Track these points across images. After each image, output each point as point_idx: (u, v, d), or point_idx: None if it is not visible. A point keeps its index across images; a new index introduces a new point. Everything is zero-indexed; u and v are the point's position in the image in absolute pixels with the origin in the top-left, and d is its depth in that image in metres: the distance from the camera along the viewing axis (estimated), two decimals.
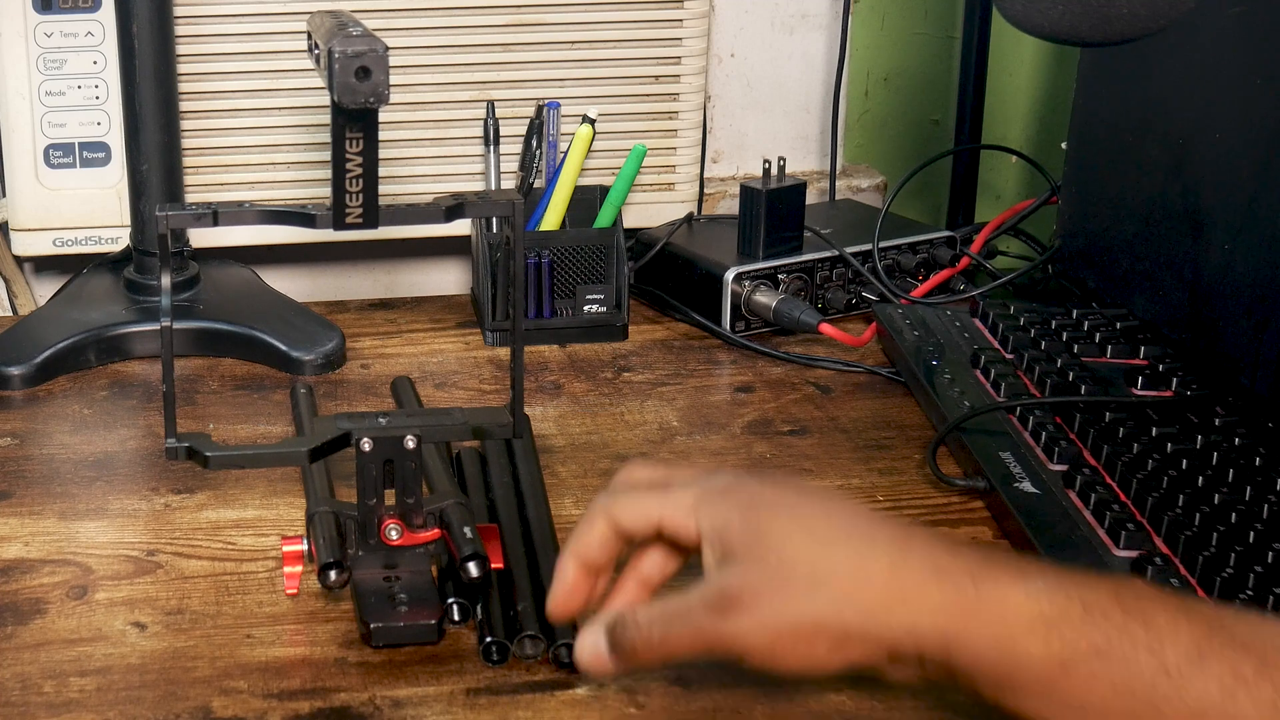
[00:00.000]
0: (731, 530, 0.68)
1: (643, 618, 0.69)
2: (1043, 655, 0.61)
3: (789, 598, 0.65)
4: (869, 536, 0.66)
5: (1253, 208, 1.02)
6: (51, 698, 0.77)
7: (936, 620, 0.63)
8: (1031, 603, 0.62)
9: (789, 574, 0.65)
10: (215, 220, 0.82)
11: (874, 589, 0.64)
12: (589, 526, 0.74)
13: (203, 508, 0.96)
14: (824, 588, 0.65)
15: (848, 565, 0.65)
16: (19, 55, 1.21)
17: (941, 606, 0.63)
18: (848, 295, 1.25)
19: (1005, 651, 0.62)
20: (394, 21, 1.25)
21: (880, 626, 0.64)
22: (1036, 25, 0.83)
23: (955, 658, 0.64)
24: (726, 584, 0.67)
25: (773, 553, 0.66)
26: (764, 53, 1.42)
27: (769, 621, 0.66)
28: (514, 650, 0.80)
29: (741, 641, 0.66)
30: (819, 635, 0.65)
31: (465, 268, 1.40)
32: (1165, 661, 0.60)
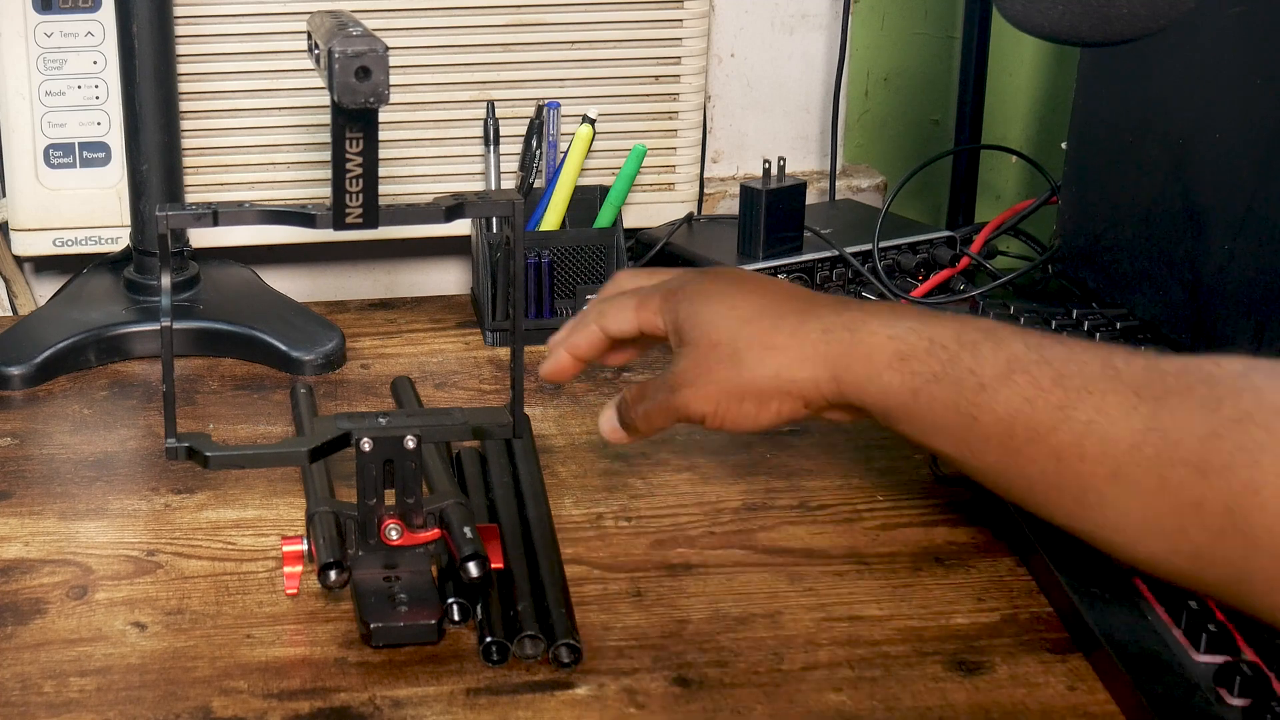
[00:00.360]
0: (680, 323, 0.84)
1: (631, 395, 0.86)
2: (899, 385, 0.77)
3: (717, 370, 0.82)
4: (777, 312, 0.82)
5: (1253, 208, 1.02)
6: (51, 698, 0.77)
7: (826, 369, 0.79)
8: (892, 343, 0.77)
9: (716, 352, 0.82)
10: (215, 220, 0.82)
11: (779, 354, 0.80)
12: (582, 328, 0.90)
13: (203, 508, 0.96)
14: (742, 359, 0.81)
15: (760, 339, 0.81)
16: (19, 55, 1.21)
17: (828, 357, 0.79)
18: (847, 295, 1.25)
19: (875, 385, 0.78)
20: (394, 21, 1.25)
21: (788, 382, 0.80)
22: (1036, 25, 0.83)
23: (846, 395, 0.79)
24: (676, 367, 0.84)
25: (705, 336, 0.82)
26: (764, 53, 1.42)
27: (706, 391, 0.82)
28: (514, 650, 0.80)
29: (691, 408, 0.83)
30: (745, 396, 0.81)
31: (465, 268, 1.40)
32: (982, 379, 0.74)
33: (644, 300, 0.87)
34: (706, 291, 0.84)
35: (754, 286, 0.85)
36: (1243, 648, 0.77)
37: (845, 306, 0.81)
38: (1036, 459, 0.73)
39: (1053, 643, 0.82)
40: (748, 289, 0.84)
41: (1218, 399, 0.69)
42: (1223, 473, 0.67)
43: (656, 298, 0.87)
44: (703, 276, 0.87)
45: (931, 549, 0.91)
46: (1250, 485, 0.66)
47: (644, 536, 0.93)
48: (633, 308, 0.87)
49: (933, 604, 0.86)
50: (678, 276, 0.89)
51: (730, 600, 0.86)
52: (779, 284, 0.86)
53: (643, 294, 0.88)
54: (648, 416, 0.86)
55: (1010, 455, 0.74)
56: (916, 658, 0.81)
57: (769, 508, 0.96)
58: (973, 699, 0.77)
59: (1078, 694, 0.78)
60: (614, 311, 0.88)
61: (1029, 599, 0.86)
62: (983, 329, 0.76)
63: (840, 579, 0.88)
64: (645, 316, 0.87)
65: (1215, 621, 0.78)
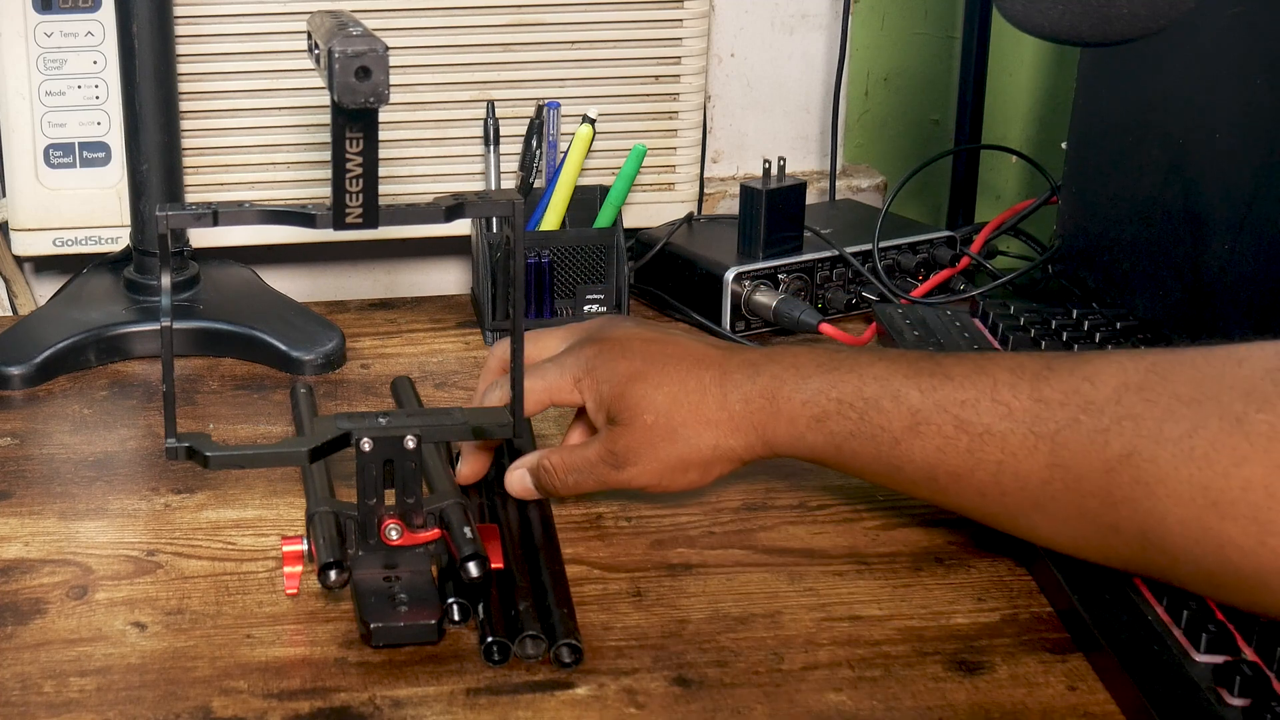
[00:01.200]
0: (605, 401, 0.89)
1: (558, 467, 0.91)
2: (823, 443, 0.85)
3: (656, 448, 0.88)
4: (700, 386, 0.87)
5: (1253, 208, 1.02)
6: (51, 698, 0.77)
7: (756, 435, 0.86)
8: (806, 408, 0.85)
9: (654, 431, 0.87)
10: (215, 220, 0.81)
11: (713, 428, 0.87)
12: None
13: (203, 508, 0.96)
14: (678, 435, 0.87)
15: (691, 414, 0.87)
16: (19, 55, 1.21)
17: (755, 426, 0.86)
18: (848, 295, 1.25)
19: (802, 444, 0.86)
20: (394, 21, 1.25)
21: (725, 450, 0.87)
22: (1036, 25, 0.83)
23: (778, 452, 0.87)
24: (614, 445, 0.88)
25: (638, 417, 0.88)
26: (764, 53, 1.42)
27: (648, 467, 0.88)
28: (515, 650, 0.80)
29: (634, 483, 0.89)
30: (688, 466, 0.88)
31: (465, 268, 1.40)
32: (893, 434, 0.82)
33: (554, 383, 0.91)
34: (626, 371, 0.88)
35: (667, 355, 0.89)
36: (1243, 648, 0.77)
37: (755, 370, 0.87)
38: (963, 494, 0.82)
39: (1053, 643, 0.82)
40: (662, 361, 0.89)
41: (1103, 431, 0.75)
42: (1128, 503, 0.74)
43: (568, 377, 0.90)
44: (610, 348, 0.90)
45: (931, 549, 0.91)
46: (1154, 514, 0.73)
47: (644, 536, 0.93)
48: (542, 389, 0.91)
49: (933, 604, 0.86)
50: (575, 346, 0.92)
51: (730, 600, 0.86)
52: (685, 345, 0.90)
53: (548, 374, 0.91)
54: (580, 487, 0.91)
55: (940, 493, 0.83)
56: (916, 658, 0.81)
57: (769, 508, 0.96)
58: (973, 699, 0.77)
59: (1078, 694, 0.78)
60: None
61: (1029, 599, 0.86)
62: (878, 378, 0.83)
63: (840, 579, 0.88)
64: (559, 396, 0.91)
65: (1215, 621, 0.78)
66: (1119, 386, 0.75)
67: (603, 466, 0.89)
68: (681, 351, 0.90)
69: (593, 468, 0.89)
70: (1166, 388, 0.74)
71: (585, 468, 0.90)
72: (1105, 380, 0.76)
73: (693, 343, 0.91)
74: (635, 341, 0.90)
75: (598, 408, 0.89)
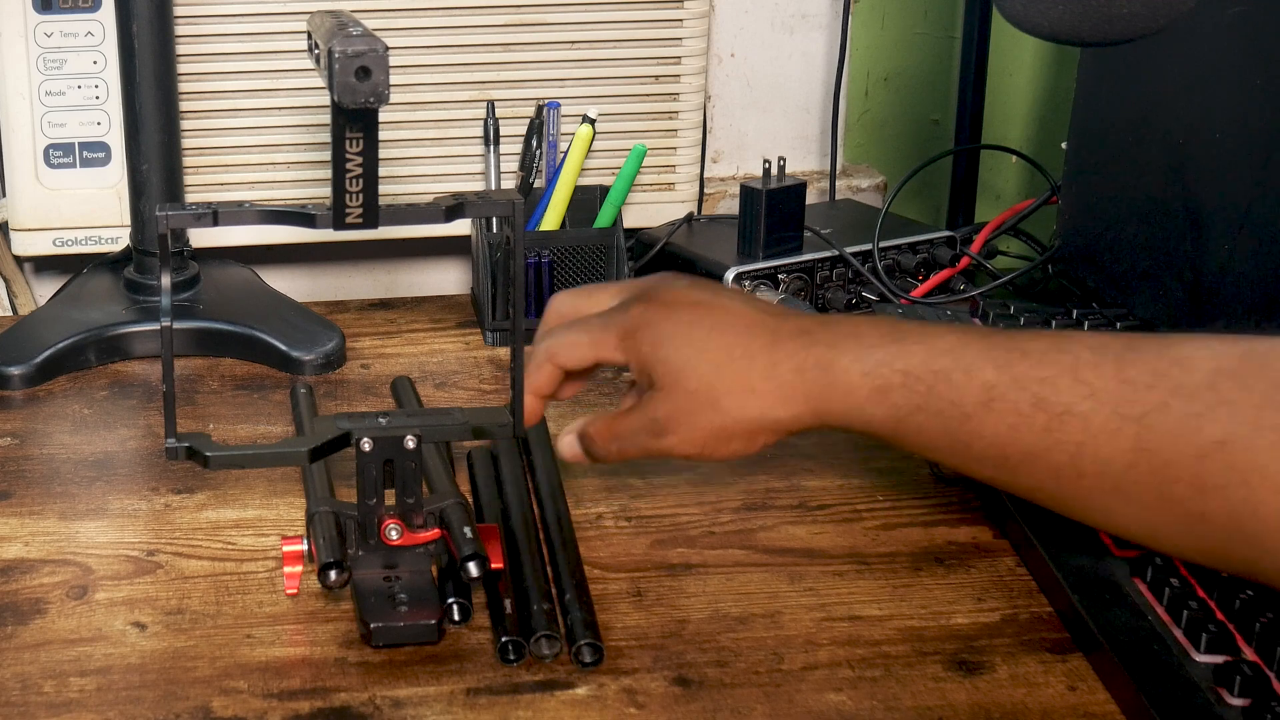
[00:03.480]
0: (648, 365, 0.85)
1: (601, 434, 0.88)
2: (882, 417, 0.80)
3: (699, 416, 0.84)
4: (747, 352, 0.83)
5: (1253, 208, 1.02)
6: (51, 698, 0.77)
7: (807, 406, 0.82)
8: (867, 379, 0.80)
9: (695, 398, 0.83)
10: (215, 220, 0.81)
11: (759, 397, 0.83)
12: (538, 370, 0.89)
13: (203, 508, 0.96)
14: (722, 404, 0.83)
15: (736, 382, 0.83)
16: (19, 55, 1.21)
17: (807, 396, 0.82)
18: (848, 295, 1.25)
19: (857, 417, 0.81)
20: (394, 21, 1.25)
21: (770, 420, 0.83)
22: (1036, 25, 0.83)
23: (830, 425, 0.83)
24: (656, 413, 0.85)
25: (681, 383, 0.84)
26: (764, 53, 1.42)
27: (691, 436, 0.84)
28: (530, 650, 0.80)
29: (676, 450, 0.85)
30: (731, 436, 0.84)
31: (465, 268, 1.40)
32: (964, 409, 0.78)
33: (599, 338, 0.87)
34: (670, 334, 0.85)
35: (714, 320, 0.85)
36: (1243, 648, 0.77)
37: (811, 338, 0.83)
38: (1035, 475, 0.77)
39: (1053, 643, 0.82)
40: (709, 324, 0.85)
41: (1196, 416, 0.71)
42: (1220, 490, 0.70)
43: (612, 334, 0.87)
44: (657, 309, 0.86)
45: (931, 549, 0.91)
46: (1248, 503, 0.69)
47: (644, 536, 0.93)
48: (587, 344, 0.88)
49: (933, 604, 0.86)
50: (626, 303, 0.88)
51: (730, 600, 0.86)
52: (735, 309, 0.86)
53: (593, 329, 0.88)
54: (623, 454, 0.87)
55: (1008, 472, 0.78)
56: (916, 658, 0.81)
57: (769, 508, 0.96)
58: (973, 699, 0.77)
59: (1078, 694, 0.78)
60: (567, 348, 0.88)
61: (1029, 599, 0.86)
62: (949, 351, 0.79)
63: (840, 579, 0.88)
64: (603, 353, 0.87)
65: (1215, 621, 0.78)
66: (1213, 371, 0.72)
67: (644, 434, 0.86)
68: (731, 315, 0.86)
69: (634, 435, 0.86)
70: (1265, 375, 0.71)
71: (627, 435, 0.86)
72: (1198, 364, 0.73)
73: (744, 306, 0.86)
74: (684, 303, 0.86)
75: (640, 370, 0.86)
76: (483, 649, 0.81)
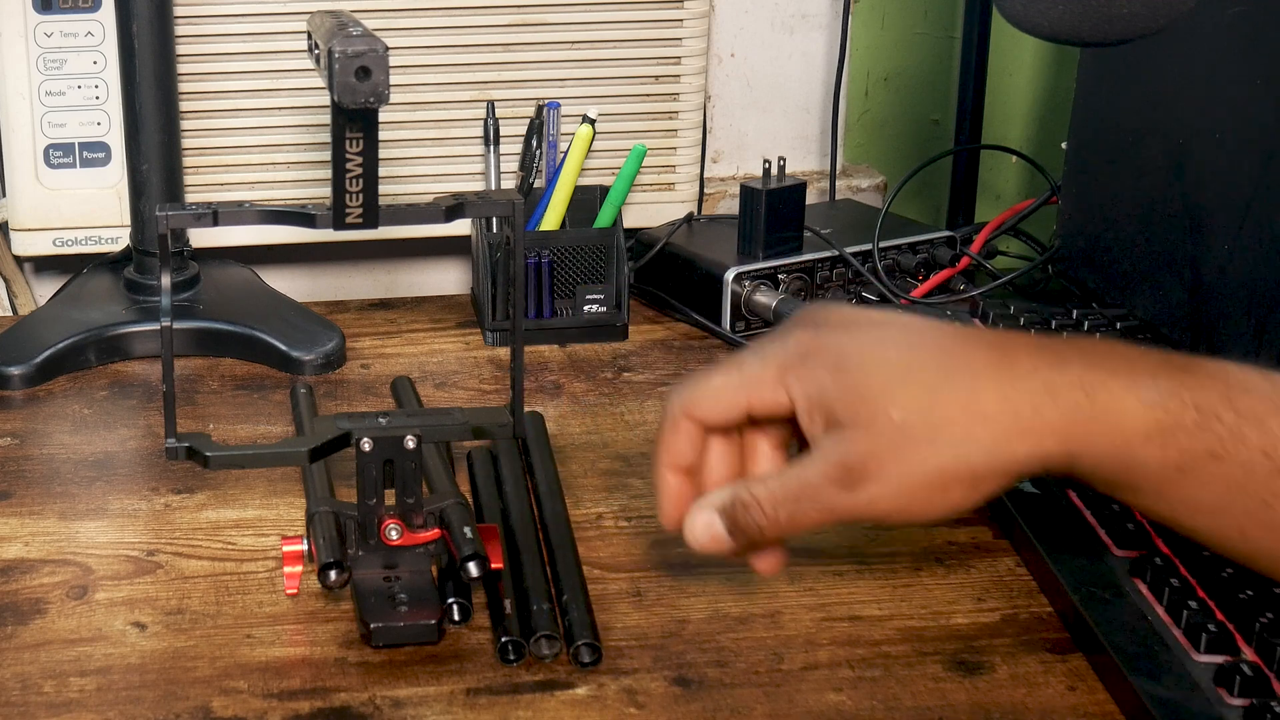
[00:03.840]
0: (829, 397, 0.66)
1: (765, 499, 0.67)
2: (1160, 461, 0.62)
3: (911, 456, 0.64)
4: (970, 368, 0.64)
5: (1253, 208, 1.02)
6: (51, 698, 0.77)
7: (1058, 442, 0.63)
8: (1146, 411, 0.62)
9: (904, 432, 0.64)
10: (215, 220, 0.82)
11: (991, 425, 0.63)
12: (674, 431, 0.71)
13: (203, 508, 0.96)
14: (942, 436, 0.64)
15: (959, 407, 0.64)
16: (19, 55, 1.21)
17: (1059, 427, 0.63)
18: (848, 295, 1.25)
19: (1123, 460, 0.63)
20: (394, 21, 1.25)
21: (1005, 459, 0.64)
22: (1036, 25, 0.83)
23: (1077, 468, 0.64)
24: (846, 456, 0.65)
25: (880, 413, 0.64)
26: (764, 53, 1.42)
27: (899, 485, 0.64)
28: (530, 650, 0.80)
29: (874, 509, 0.65)
30: (951, 483, 0.64)
31: (465, 268, 1.40)
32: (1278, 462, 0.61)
33: (751, 375, 0.69)
34: (856, 354, 0.66)
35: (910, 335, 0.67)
36: (1243, 648, 0.77)
37: (1058, 356, 0.65)
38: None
39: (1053, 643, 0.82)
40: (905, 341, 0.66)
41: None
42: None
43: (771, 368, 0.68)
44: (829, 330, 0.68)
45: (931, 549, 0.91)
46: None
47: (644, 536, 0.93)
48: (736, 386, 0.69)
49: (933, 604, 0.86)
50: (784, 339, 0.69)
51: (730, 600, 0.86)
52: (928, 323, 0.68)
53: (744, 365, 0.69)
54: (795, 523, 0.67)
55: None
56: (916, 658, 0.81)
57: None
58: (973, 699, 0.77)
59: (1078, 694, 0.78)
60: (708, 397, 0.70)
61: (1029, 599, 0.86)
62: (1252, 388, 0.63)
63: (840, 579, 0.88)
64: (759, 394, 0.68)
65: (1215, 621, 0.78)
66: None
67: (830, 489, 0.65)
68: (929, 328, 0.68)
69: (815, 493, 0.66)
70: None
71: (804, 495, 0.66)
72: None
73: (937, 321, 0.70)
74: (860, 320, 0.68)
75: (815, 407, 0.66)
76: (483, 649, 0.81)
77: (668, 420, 0.72)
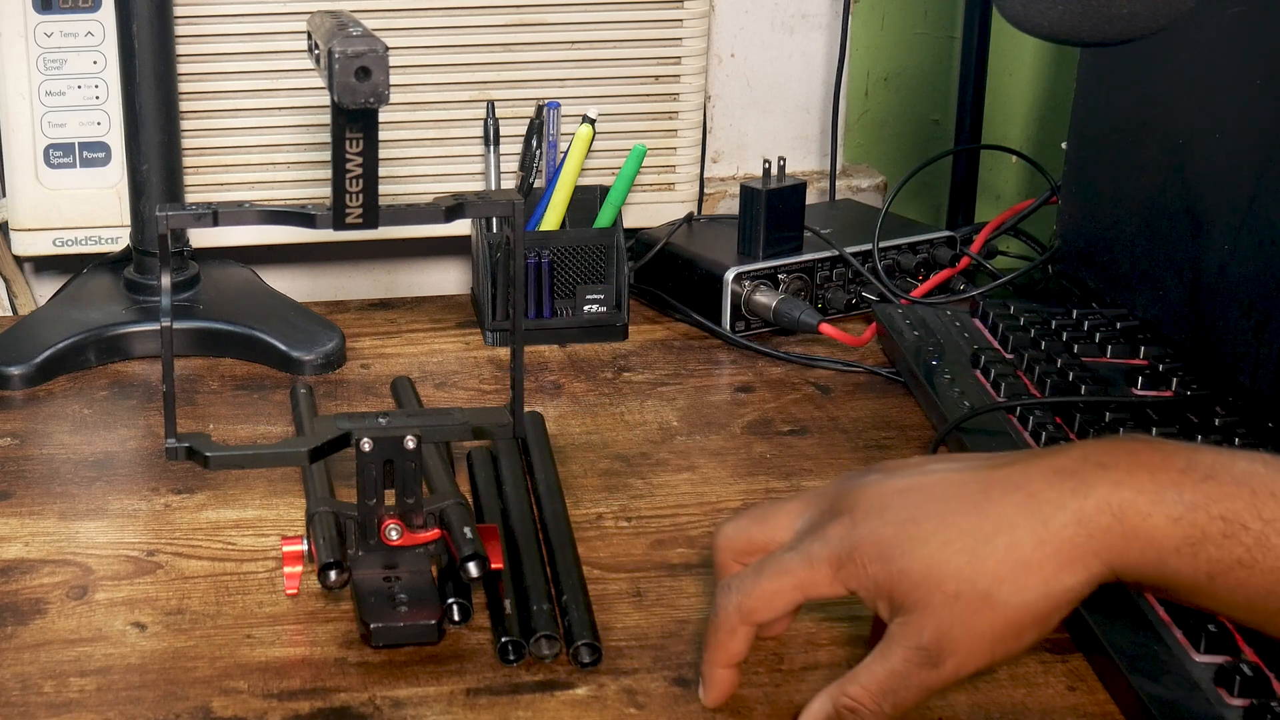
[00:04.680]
0: (884, 585, 0.70)
1: (867, 700, 0.71)
2: (1191, 570, 0.66)
3: (976, 622, 0.68)
4: (1000, 521, 0.68)
5: (1253, 208, 1.02)
6: (51, 698, 0.77)
7: (1100, 564, 0.67)
8: (1174, 527, 0.66)
9: (961, 603, 0.68)
10: (215, 220, 0.82)
11: (1036, 570, 0.67)
12: (730, 635, 0.74)
13: (203, 508, 0.96)
14: (997, 596, 0.68)
15: (1002, 564, 0.68)
16: (19, 55, 1.21)
17: (1097, 553, 0.67)
18: (848, 295, 1.25)
19: (1158, 571, 0.67)
20: (394, 21, 1.25)
21: (1060, 593, 0.67)
22: (1036, 25, 0.83)
23: (1121, 579, 0.68)
24: (919, 638, 0.69)
25: (935, 592, 0.68)
26: (764, 53, 1.42)
27: (975, 648, 0.69)
28: (530, 650, 0.80)
29: (963, 673, 0.70)
30: (1021, 629, 0.68)
31: (465, 268, 1.40)
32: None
33: (804, 578, 0.72)
34: (895, 540, 0.70)
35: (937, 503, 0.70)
36: (1243, 648, 0.77)
37: (1082, 482, 0.68)
38: None
39: (1053, 643, 0.82)
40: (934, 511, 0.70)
41: None
42: None
43: (822, 569, 0.72)
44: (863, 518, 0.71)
45: None
46: None
47: (644, 536, 0.93)
48: (791, 589, 0.72)
49: None
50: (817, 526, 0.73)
51: None
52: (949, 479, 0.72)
53: (793, 569, 0.72)
54: (898, 707, 0.71)
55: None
56: None
57: None
58: (973, 699, 0.77)
59: (1078, 694, 0.78)
60: (767, 601, 0.73)
61: None
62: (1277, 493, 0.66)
63: None
64: (816, 593, 0.72)
65: (1215, 622, 0.78)
66: None
67: (917, 672, 0.69)
68: (951, 486, 0.71)
69: (906, 680, 0.70)
70: None
71: (897, 684, 0.70)
72: None
73: (959, 470, 0.72)
74: (888, 499, 0.71)
75: (875, 596, 0.70)
76: (483, 649, 0.81)
77: (723, 625, 0.74)
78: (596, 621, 0.82)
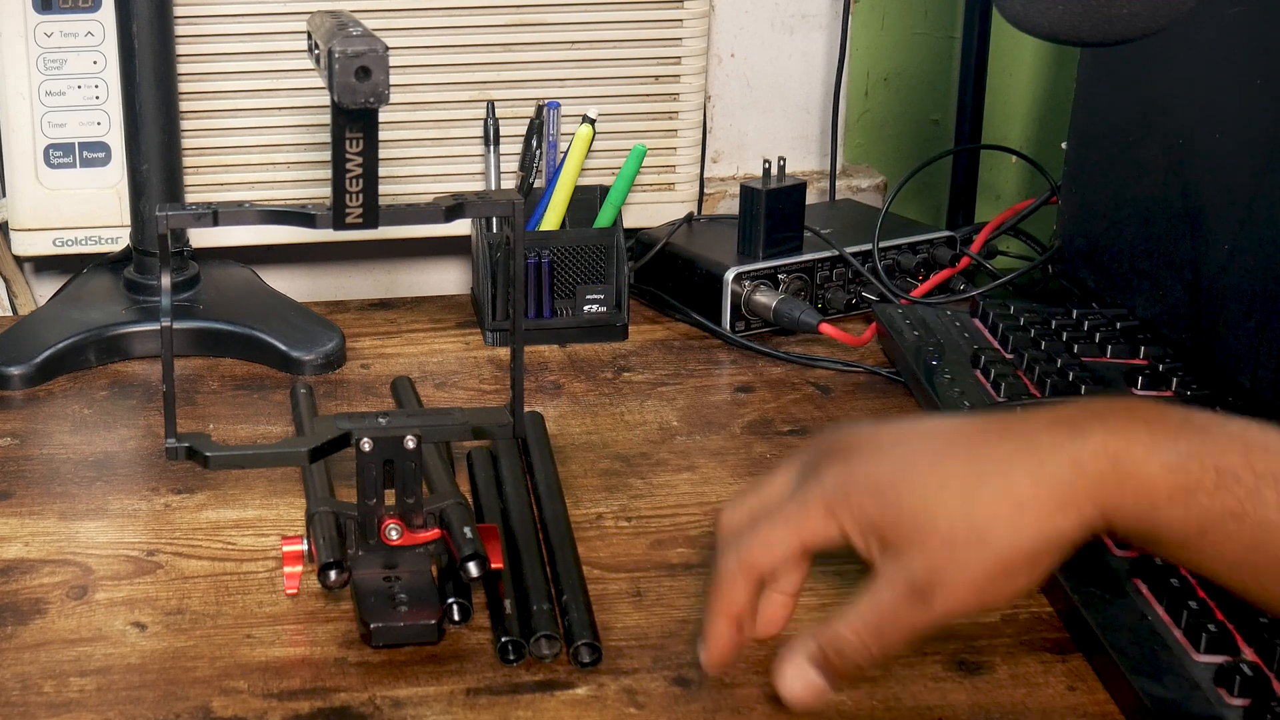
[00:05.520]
0: (877, 522, 0.70)
1: (853, 636, 0.70)
2: (1182, 520, 0.66)
3: (968, 559, 0.68)
4: (997, 462, 0.68)
5: (1253, 208, 1.02)
6: (51, 698, 0.77)
7: (1094, 507, 0.67)
8: (1169, 475, 0.65)
9: (954, 539, 0.68)
10: (215, 220, 0.82)
11: (1031, 510, 0.67)
12: (732, 585, 0.74)
13: (203, 508, 0.96)
14: (990, 534, 0.67)
15: (997, 503, 0.67)
16: (19, 55, 1.21)
17: (1092, 496, 0.67)
18: (848, 295, 1.25)
19: (1150, 520, 0.66)
20: (394, 21, 1.25)
21: (1053, 535, 0.67)
22: (1036, 25, 0.83)
23: (1113, 527, 0.67)
24: (910, 575, 0.69)
25: (928, 528, 0.68)
26: (764, 53, 1.42)
27: (966, 587, 0.68)
28: (530, 650, 0.80)
29: (951, 614, 0.69)
30: (1012, 571, 0.68)
31: (465, 268, 1.40)
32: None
33: (799, 521, 0.72)
34: (889, 476, 0.70)
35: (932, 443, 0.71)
36: (1243, 648, 0.77)
37: (1079, 427, 0.68)
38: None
39: (1053, 643, 0.82)
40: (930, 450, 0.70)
41: None
42: None
43: (815, 509, 0.71)
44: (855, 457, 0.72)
45: None
46: None
47: (644, 536, 0.93)
48: (786, 533, 0.72)
49: None
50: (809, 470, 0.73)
51: None
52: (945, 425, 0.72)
53: (788, 513, 0.73)
54: (885, 648, 0.70)
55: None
56: (916, 658, 0.81)
57: None
58: (973, 699, 0.77)
59: (1078, 694, 0.78)
60: (763, 549, 0.73)
61: (1029, 599, 0.86)
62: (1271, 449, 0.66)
63: (840, 579, 0.88)
64: (811, 535, 0.72)
65: (1215, 621, 0.78)
66: None
67: (906, 609, 0.69)
68: (947, 429, 0.71)
69: (894, 617, 0.69)
70: None
71: (885, 621, 0.69)
72: None
73: (953, 419, 0.72)
74: (884, 440, 0.72)
75: (867, 533, 0.70)
76: (483, 649, 0.81)
77: (725, 576, 0.74)
78: (596, 621, 0.82)
